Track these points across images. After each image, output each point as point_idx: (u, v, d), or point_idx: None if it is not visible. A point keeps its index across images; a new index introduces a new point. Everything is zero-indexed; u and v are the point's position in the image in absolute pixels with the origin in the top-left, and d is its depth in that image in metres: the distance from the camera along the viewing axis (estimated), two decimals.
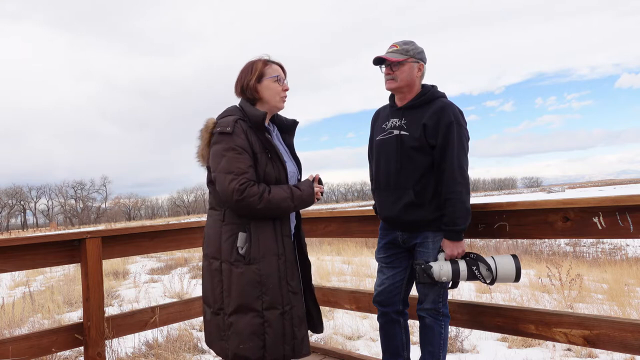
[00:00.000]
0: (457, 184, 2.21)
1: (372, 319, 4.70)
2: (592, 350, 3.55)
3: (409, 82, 2.34)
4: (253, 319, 1.94)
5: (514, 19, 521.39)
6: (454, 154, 2.22)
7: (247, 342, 1.93)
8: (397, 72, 2.32)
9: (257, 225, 1.99)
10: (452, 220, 2.22)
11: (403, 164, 2.32)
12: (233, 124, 1.97)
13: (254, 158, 1.98)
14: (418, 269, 2.24)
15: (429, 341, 2.34)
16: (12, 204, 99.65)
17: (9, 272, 3.47)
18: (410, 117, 2.34)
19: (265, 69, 2.10)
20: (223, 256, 1.99)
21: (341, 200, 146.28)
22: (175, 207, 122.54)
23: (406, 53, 2.32)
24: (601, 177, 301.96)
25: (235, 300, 1.95)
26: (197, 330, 4.70)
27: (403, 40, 2.37)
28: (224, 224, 2.02)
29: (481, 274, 2.22)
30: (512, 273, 2.22)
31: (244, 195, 1.90)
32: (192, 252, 12.80)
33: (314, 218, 3.29)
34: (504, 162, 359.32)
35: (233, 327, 1.95)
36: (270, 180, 2.02)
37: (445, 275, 2.22)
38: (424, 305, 2.35)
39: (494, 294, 5.86)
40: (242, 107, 2.09)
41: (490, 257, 2.26)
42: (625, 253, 11.23)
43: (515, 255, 2.24)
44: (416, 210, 2.29)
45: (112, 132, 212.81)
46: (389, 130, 2.40)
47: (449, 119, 2.24)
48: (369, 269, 8.47)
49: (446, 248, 2.27)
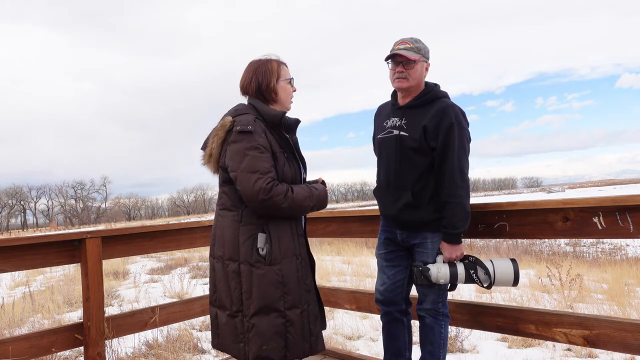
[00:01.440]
0: (457, 187, 2.19)
1: (372, 319, 4.70)
2: (592, 350, 3.55)
3: (419, 81, 2.32)
4: (276, 319, 1.94)
5: (515, 19, 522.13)
6: (455, 156, 2.20)
7: (270, 343, 1.93)
8: (410, 70, 2.28)
9: (276, 226, 1.99)
10: (452, 223, 2.21)
11: (402, 165, 2.31)
12: (254, 123, 1.96)
13: (273, 157, 1.98)
14: (416, 271, 2.24)
15: (429, 341, 2.34)
16: (12, 204, 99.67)
17: (9, 272, 3.46)
18: (411, 117, 2.32)
19: (281, 71, 2.12)
20: (242, 257, 1.96)
21: (341, 200, 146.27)
22: (175, 207, 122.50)
23: (419, 52, 2.28)
24: (601, 177, 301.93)
25: (257, 302, 1.94)
26: (197, 330, 4.70)
27: (411, 37, 2.32)
28: (242, 225, 1.99)
29: (479, 277, 2.22)
30: (510, 277, 2.21)
31: (271, 194, 1.89)
32: (192, 252, 12.80)
33: (314, 218, 3.29)
34: (504, 162, 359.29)
35: (255, 328, 1.94)
36: (287, 179, 2.02)
37: (442, 278, 2.22)
38: (424, 306, 2.35)
39: (494, 294, 5.86)
40: (254, 105, 2.07)
41: (489, 261, 2.25)
42: (625, 253, 11.23)
43: (514, 259, 2.23)
44: (414, 211, 2.29)
45: (112, 132, 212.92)
46: (388, 130, 2.39)
47: (450, 120, 2.21)
48: (369, 269, 8.47)
49: (445, 250, 2.26)
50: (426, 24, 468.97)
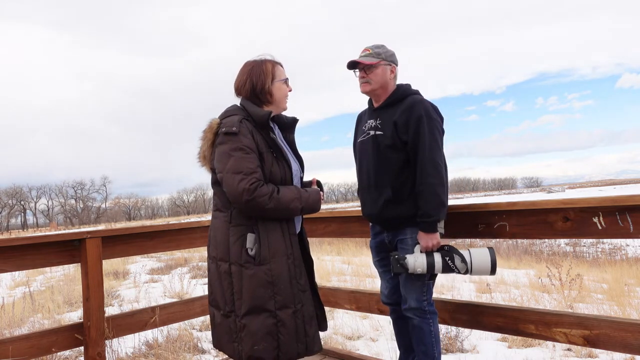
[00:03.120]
0: (428, 176, 2.24)
1: (372, 319, 4.70)
2: (592, 350, 3.55)
3: (382, 84, 2.41)
4: (266, 320, 1.94)
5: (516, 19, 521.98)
6: (425, 147, 2.25)
7: (261, 343, 1.92)
8: (371, 75, 2.40)
9: (266, 226, 1.98)
10: (425, 212, 2.24)
11: (380, 163, 2.37)
12: (239, 124, 1.96)
13: (260, 158, 1.98)
14: (392, 260, 2.28)
15: (420, 341, 2.36)
16: (12, 204, 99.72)
17: (9, 272, 3.47)
18: (384, 116, 2.41)
19: (275, 71, 2.12)
20: (232, 258, 1.97)
21: (341, 200, 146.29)
22: (175, 207, 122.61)
23: (378, 56, 2.40)
24: (601, 177, 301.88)
25: (248, 302, 1.94)
26: (197, 330, 4.70)
27: (374, 44, 2.44)
28: (232, 226, 2.00)
29: (456, 265, 2.24)
30: (487, 266, 2.23)
31: (255, 195, 1.89)
32: (192, 252, 12.81)
33: (314, 218, 3.29)
34: (504, 162, 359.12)
35: (246, 328, 1.94)
36: (276, 179, 2.01)
37: (420, 267, 2.24)
38: (409, 305, 2.37)
39: (494, 294, 5.86)
40: (244, 106, 2.08)
41: (466, 250, 2.28)
42: (625, 253, 11.24)
43: (491, 248, 2.27)
44: (395, 207, 2.34)
45: (112, 132, 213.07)
46: (366, 132, 2.48)
47: (419, 113, 2.28)
48: (369, 269, 8.47)
49: (421, 240, 2.30)
50: (426, 24, 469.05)
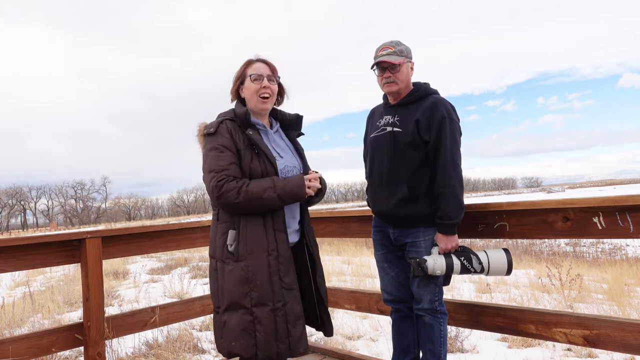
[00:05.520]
0: (450, 178, 2.23)
1: (372, 319, 4.70)
2: (592, 350, 3.56)
3: (407, 82, 2.40)
4: (243, 316, 1.93)
5: (517, 19, 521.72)
6: (447, 148, 2.24)
7: (239, 340, 1.93)
8: (397, 74, 2.35)
9: (247, 222, 1.99)
10: (446, 214, 2.24)
11: (396, 160, 2.35)
12: (217, 125, 2.05)
13: (237, 155, 2.00)
14: (413, 263, 2.26)
15: (429, 339, 2.35)
16: (12, 204, 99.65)
17: (9, 272, 3.46)
18: (403, 113, 2.37)
19: (247, 70, 2.13)
20: (217, 254, 2.03)
21: (341, 200, 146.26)
22: (175, 207, 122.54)
23: (401, 54, 2.35)
24: (601, 177, 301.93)
25: (227, 298, 1.96)
26: (197, 330, 4.70)
27: (391, 41, 2.38)
28: (219, 223, 2.05)
29: (473, 267, 2.25)
30: (504, 267, 2.25)
31: (222, 191, 1.93)
32: (192, 252, 12.81)
33: (314, 218, 3.29)
34: (505, 162, 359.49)
35: (226, 325, 1.96)
36: (257, 175, 2.01)
37: (439, 269, 2.24)
38: (422, 305, 2.36)
39: (494, 294, 5.86)
40: (233, 108, 2.16)
41: (483, 251, 2.29)
42: (625, 253, 11.24)
43: (506, 249, 2.28)
44: (410, 205, 2.31)
45: (112, 132, 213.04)
46: (382, 127, 2.44)
47: (442, 114, 2.27)
48: (369, 269, 8.47)
49: (440, 242, 2.29)
50: (426, 24, 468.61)
